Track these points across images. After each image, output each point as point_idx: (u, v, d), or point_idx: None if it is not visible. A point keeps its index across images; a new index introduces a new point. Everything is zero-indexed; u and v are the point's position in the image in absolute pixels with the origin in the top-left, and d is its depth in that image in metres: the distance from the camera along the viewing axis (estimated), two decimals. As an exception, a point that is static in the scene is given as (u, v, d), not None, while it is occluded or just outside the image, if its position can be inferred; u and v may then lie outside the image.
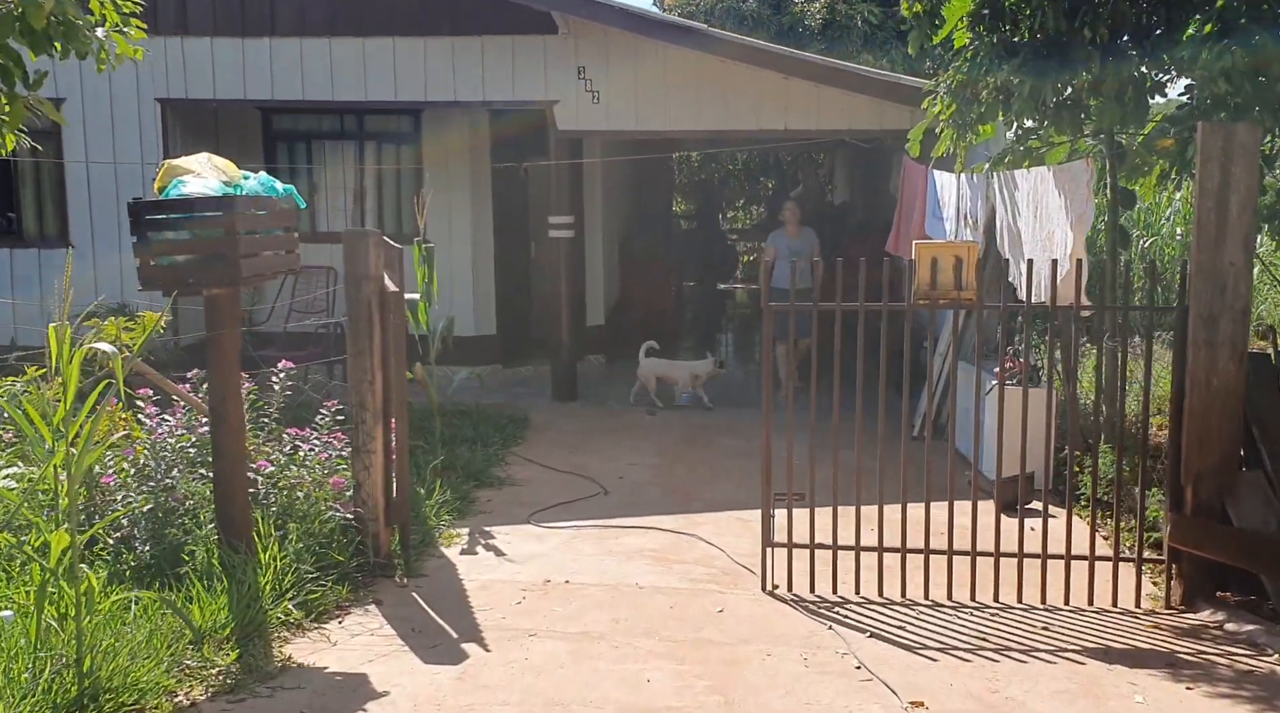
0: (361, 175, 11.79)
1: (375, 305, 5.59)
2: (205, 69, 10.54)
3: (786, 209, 10.59)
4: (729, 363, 14.01)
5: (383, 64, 10.48)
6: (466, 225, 11.75)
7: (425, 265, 7.42)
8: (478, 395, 10.93)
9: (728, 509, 7.28)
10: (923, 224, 9.38)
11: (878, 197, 16.57)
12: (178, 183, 4.83)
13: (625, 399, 11.05)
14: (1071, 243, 6.54)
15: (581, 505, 7.35)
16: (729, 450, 8.93)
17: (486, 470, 7.99)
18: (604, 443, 9.17)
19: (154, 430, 5.64)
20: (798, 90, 10.19)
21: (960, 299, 5.40)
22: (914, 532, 5.68)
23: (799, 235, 10.59)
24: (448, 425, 9.20)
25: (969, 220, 8.30)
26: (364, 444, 5.66)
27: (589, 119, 10.42)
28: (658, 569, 6.06)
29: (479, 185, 11.76)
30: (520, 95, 10.46)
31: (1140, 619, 5.28)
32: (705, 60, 10.19)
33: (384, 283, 5.67)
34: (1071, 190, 6.47)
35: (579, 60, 10.35)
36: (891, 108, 10.14)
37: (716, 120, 10.36)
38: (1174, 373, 5.33)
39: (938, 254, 5.36)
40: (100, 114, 10.66)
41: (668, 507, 7.33)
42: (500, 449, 8.78)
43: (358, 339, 5.58)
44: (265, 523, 5.38)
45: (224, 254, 4.76)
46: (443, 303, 11.72)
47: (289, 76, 10.54)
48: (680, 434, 9.55)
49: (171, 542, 5.21)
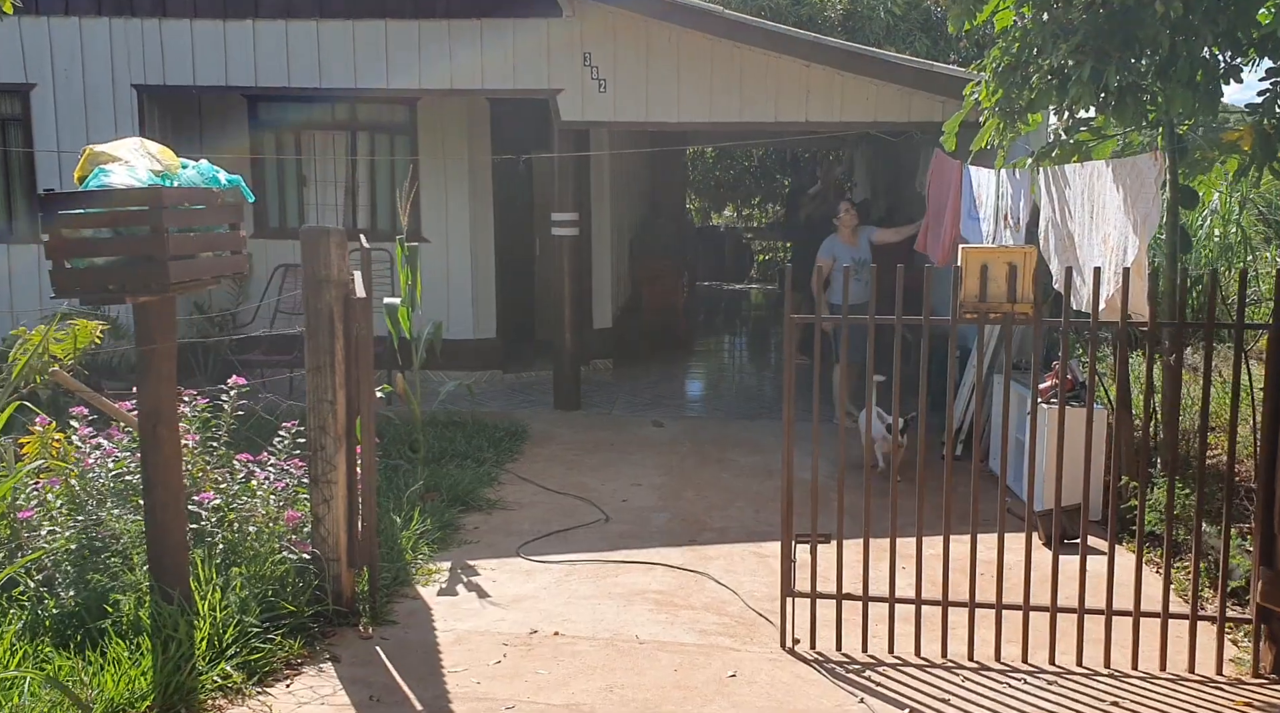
0: (354, 168, 11.09)
1: (338, 313, 4.87)
2: (184, 53, 9.84)
3: (842, 210, 9.68)
4: (744, 366, 13.30)
5: (374, 49, 9.76)
6: (465, 221, 11.04)
7: (408, 266, 6.69)
8: (474, 404, 10.24)
9: (742, 540, 6.53)
10: (955, 224, 8.61)
11: (901, 194, 15.78)
12: (100, 172, 4.11)
13: (632, 407, 10.33)
14: (1135, 247, 5.77)
15: (579, 535, 6.62)
16: (744, 469, 8.18)
17: (475, 492, 7.26)
18: (607, 459, 8.44)
19: (88, 454, 4.93)
20: (819, 79, 9.43)
21: (1014, 314, 4.63)
22: (954, 571, 4.92)
23: (856, 242, 9.55)
24: (439, 437, 8.50)
25: (1009, 220, 7.52)
26: (324, 474, 4.93)
27: (595, 109, 9.68)
28: (662, 617, 5.32)
29: (478, 179, 11.05)
30: (521, 83, 9.72)
31: (1224, 692, 4.51)
32: (720, 47, 9.44)
33: (349, 288, 4.95)
34: (1135, 188, 5.70)
35: (584, 46, 9.61)
36: (921, 98, 9.37)
37: (732, 112, 9.60)
38: (1267, 401, 4.55)
39: (988, 260, 4.60)
40: (73, 101, 9.97)
41: (675, 536, 6.59)
42: (493, 466, 8.05)
43: (317, 353, 4.86)
44: (207, 565, 4.66)
45: (151, 255, 4.04)
46: (438, 304, 11.06)
47: (274, 62, 9.83)
48: (690, 449, 8.81)
49: (96, 588, 4.49)
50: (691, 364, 13.11)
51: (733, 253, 22.31)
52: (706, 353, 14.16)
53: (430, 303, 10.99)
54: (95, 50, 9.89)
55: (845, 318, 4.79)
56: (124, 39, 9.85)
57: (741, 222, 26.85)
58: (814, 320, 4.87)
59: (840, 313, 4.92)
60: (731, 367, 13.05)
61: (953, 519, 4.87)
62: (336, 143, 11.10)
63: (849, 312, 4.79)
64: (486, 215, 11.16)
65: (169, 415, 4.41)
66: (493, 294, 11.31)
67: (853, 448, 8.08)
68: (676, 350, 13.44)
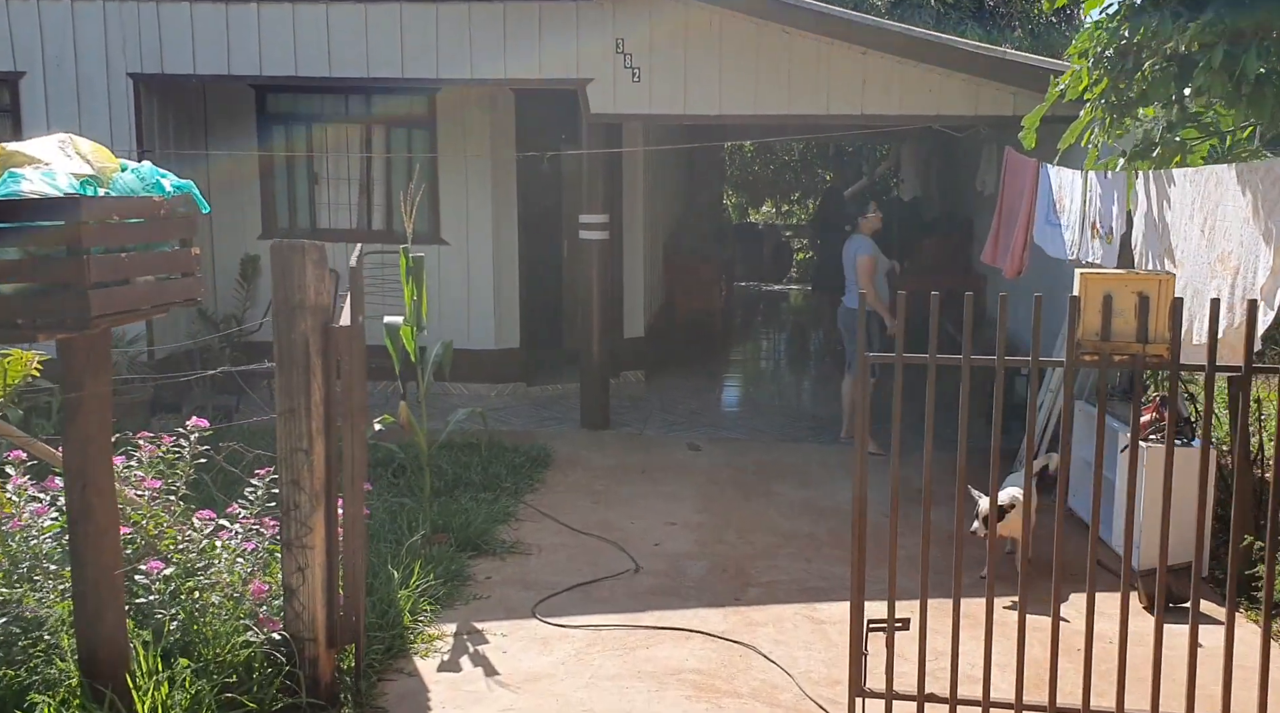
0: (369, 164, 10.29)
1: (315, 346, 4.04)
2: (184, 40, 9.06)
3: (871, 210, 8.80)
4: (785, 378, 12.40)
5: (388, 35, 8.94)
6: (487, 222, 10.21)
7: (413, 280, 5.86)
8: (496, 421, 9.44)
9: (793, 599, 5.66)
10: (1028, 230, 7.67)
11: (955, 192, 14.81)
12: (10, 177, 3.30)
13: (665, 426, 9.48)
14: (1267, 267, 4.83)
15: (605, 589, 5.77)
16: (791, 505, 7.30)
17: (489, 532, 6.43)
18: (638, 489, 7.59)
19: (19, 512, 4.14)
20: (877, 67, 8.51)
21: (1146, 356, 3.73)
22: (1054, 644, 4.03)
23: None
24: (452, 463, 7.70)
25: (1099, 229, 6.58)
26: (298, 537, 4.11)
27: (628, 101, 8.81)
28: (701, 709, 4.46)
29: (502, 176, 10.21)
30: (547, 73, 8.86)
31: None
32: (767, 31, 8.55)
33: (330, 314, 4.12)
34: (1271, 198, 4.76)
35: (616, 31, 8.74)
36: (990, 89, 8.43)
37: (779, 103, 8.70)
38: None
39: (1113, 289, 3.70)
40: (64, 91, 9.22)
41: (715, 594, 5.73)
42: (511, 498, 7.23)
43: (289, 393, 4.04)
44: (151, 653, 3.85)
45: (69, 282, 3.22)
46: (457, 312, 10.24)
47: (280, 49, 9.03)
48: (730, 478, 7.95)
49: (13, 686, 3.69)
50: (729, 375, 12.22)
51: (772, 252, 21.35)
52: (745, 362, 13.27)
53: (449, 311, 10.20)
54: (88, 36, 9.13)
55: (933, 357, 3.89)
56: (119, 23, 9.09)
57: (780, 218, 25.89)
58: (893, 361, 3.98)
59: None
60: (772, 378, 12.16)
61: (1046, 579, 3.97)
62: (351, 137, 10.31)
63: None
64: (510, 215, 10.33)
65: (101, 478, 3.60)
66: (516, 301, 10.48)
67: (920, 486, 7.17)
68: (713, 359, 12.57)
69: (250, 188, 10.34)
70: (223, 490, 4.93)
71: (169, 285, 3.62)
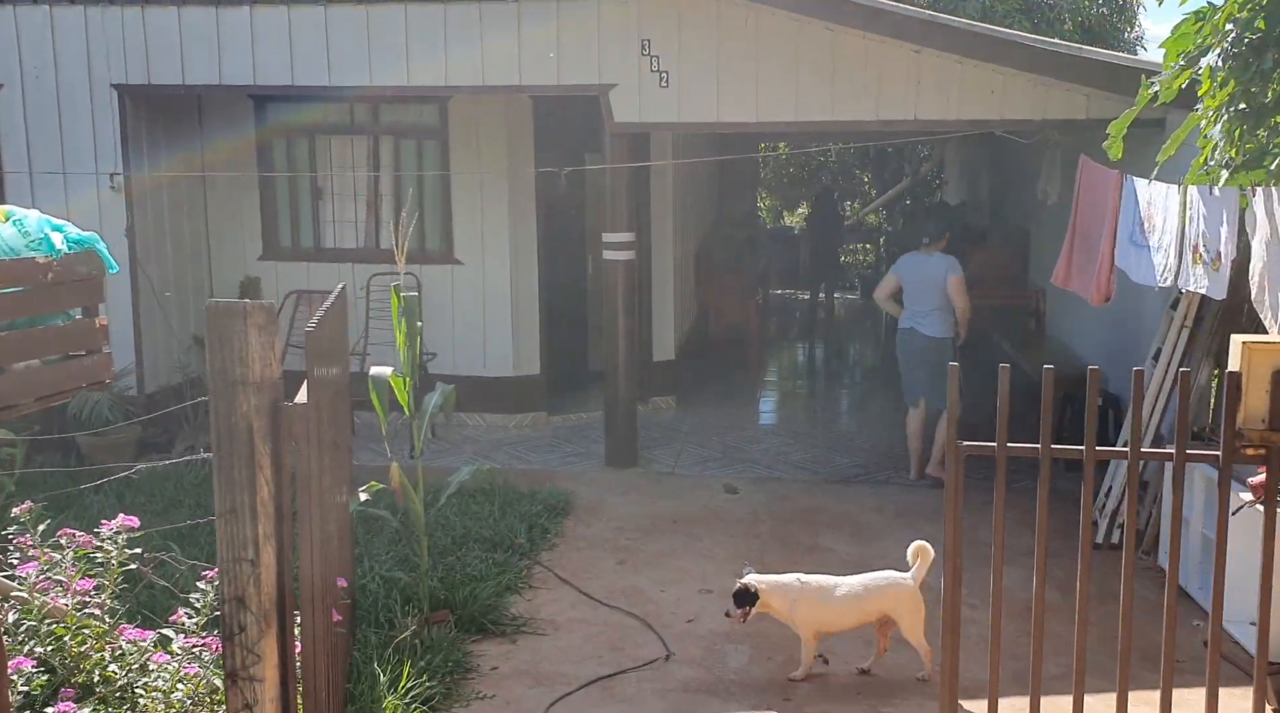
0: (376, 178, 9.53)
1: (260, 430, 3.24)
2: (171, 47, 8.32)
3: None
4: (827, 402, 11.50)
5: (392, 39, 8.15)
6: (504, 240, 9.42)
7: (404, 321, 5.05)
8: (513, 456, 8.68)
9: (852, 701, 4.81)
10: (1112, 253, 6.74)
11: (1010, 199, 13.85)
12: None
13: (696, 460, 8.67)
14: None
15: (630, 683, 4.95)
16: (844, 565, 6.40)
17: (498, 607, 5.63)
18: (669, 545, 6.78)
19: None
20: (932, 68, 7.63)
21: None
22: None
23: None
24: (461, 513, 6.95)
25: (1203, 254, 5.67)
26: (244, 667, 3.31)
27: (655, 108, 7.98)
28: None
29: (520, 191, 9.41)
30: (566, 78, 8.05)
31: None
32: (809, 29, 7.69)
33: (278, 389, 3.32)
34: None
35: (642, 31, 7.91)
36: (1060, 90, 7.54)
37: (823, 109, 7.84)
38: None
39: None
40: (45, 105, 8.50)
41: (760, 693, 4.90)
42: (526, 557, 6.44)
43: (229, 489, 3.24)
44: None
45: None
46: (473, 338, 9.45)
47: (275, 56, 8.26)
48: (772, 530, 7.12)
49: None
50: (766, 400, 11.36)
51: (809, 257, 20.44)
52: (783, 384, 12.39)
53: (463, 336, 9.44)
54: (70, 45, 8.41)
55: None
56: (102, 31, 8.36)
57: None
58: (990, 451, 3.12)
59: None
60: (812, 403, 11.27)
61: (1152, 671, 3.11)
62: (357, 150, 9.55)
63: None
64: (529, 232, 9.52)
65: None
66: (536, 324, 9.67)
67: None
68: (749, 381, 11.70)
69: (250, 204, 9.62)
70: (153, 603, 4.14)
71: (65, 369, 2.84)
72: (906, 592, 4.90)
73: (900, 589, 4.91)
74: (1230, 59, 4.14)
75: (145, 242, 8.72)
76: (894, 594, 4.91)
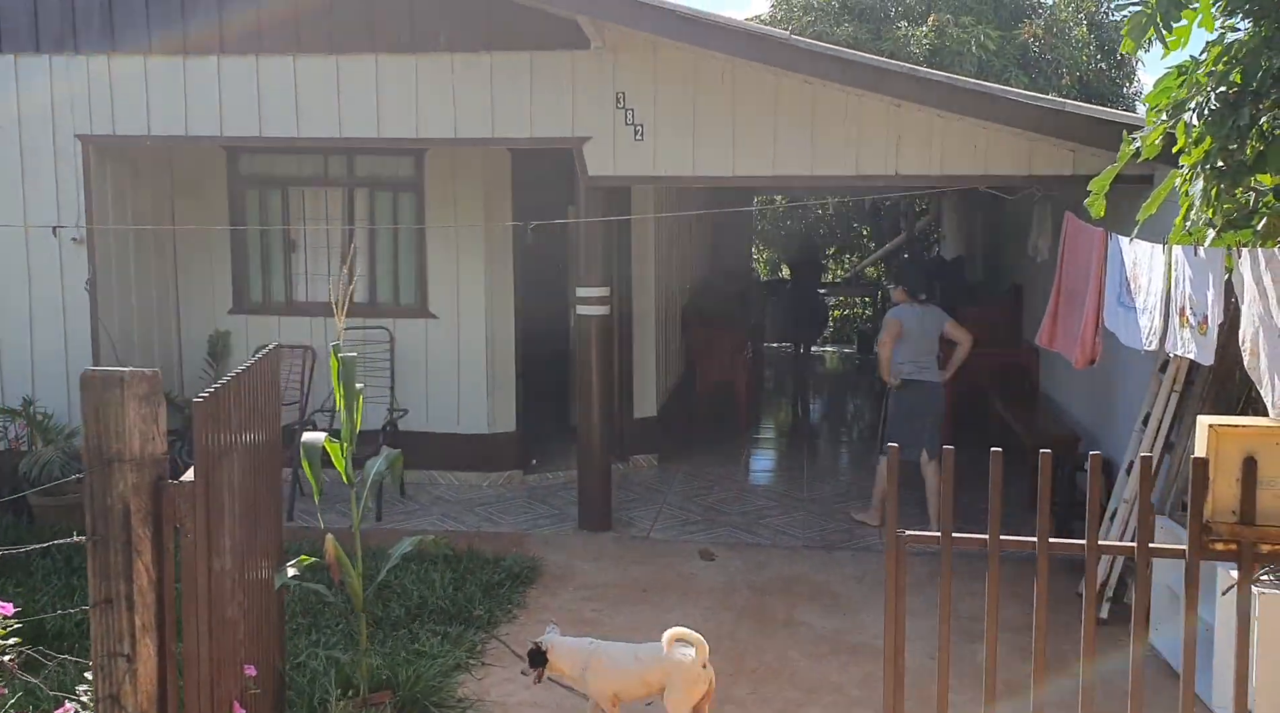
0: (351, 232, 9.32)
1: (140, 512, 2.96)
2: (138, 97, 8.14)
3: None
4: (817, 463, 11.14)
5: (362, 90, 7.97)
6: (479, 293, 9.19)
7: (343, 384, 4.78)
8: (483, 519, 8.39)
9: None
10: (1097, 314, 6.47)
11: (1002, 255, 13.62)
12: None
13: (675, 523, 8.36)
14: None
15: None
16: (817, 640, 6.13)
17: (444, 689, 5.28)
18: (636, 617, 6.44)
19: None
20: (913, 122, 7.43)
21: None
22: None
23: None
24: (417, 581, 6.64)
25: (1189, 317, 5.39)
26: (120, 776, 3.00)
27: (630, 162, 7.77)
28: None
29: (498, 243, 9.20)
30: (540, 131, 7.85)
31: None
32: (787, 83, 7.50)
33: (162, 466, 3.04)
34: None
35: (617, 84, 7.72)
36: (1045, 146, 7.32)
37: (801, 163, 7.63)
38: None
39: (1258, 448, 2.54)
40: (7, 157, 8.31)
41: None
42: (482, 631, 6.13)
43: (105, 578, 2.96)
44: None
45: None
46: (446, 394, 9.19)
47: (243, 106, 8.08)
48: (748, 602, 6.79)
49: None
50: (753, 459, 11.04)
51: (788, 309, 20.22)
52: (772, 443, 12.07)
53: (436, 392, 9.19)
54: (32, 94, 8.24)
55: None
56: (66, 80, 8.19)
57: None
58: (935, 540, 2.83)
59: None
60: (801, 464, 10.94)
61: None
62: (331, 202, 9.35)
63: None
64: (507, 285, 9.29)
65: None
66: (513, 379, 9.41)
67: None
68: (736, 439, 11.39)
69: (221, 257, 9.40)
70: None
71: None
72: (677, 664, 4.69)
73: (672, 663, 4.71)
74: (1207, 114, 3.89)
75: (108, 295, 8.48)
76: (668, 667, 4.72)
